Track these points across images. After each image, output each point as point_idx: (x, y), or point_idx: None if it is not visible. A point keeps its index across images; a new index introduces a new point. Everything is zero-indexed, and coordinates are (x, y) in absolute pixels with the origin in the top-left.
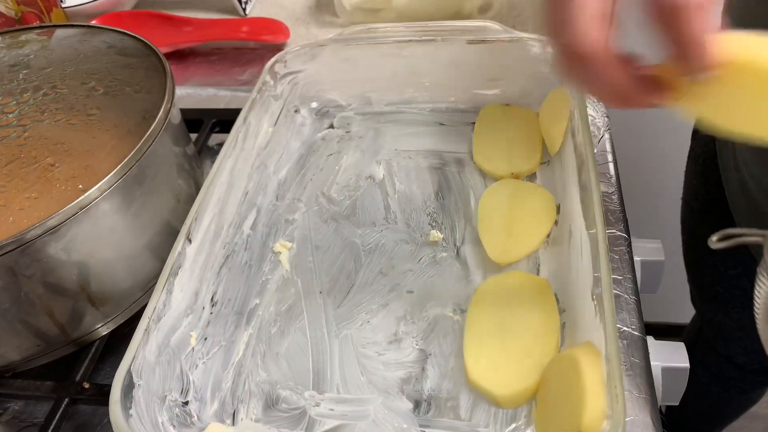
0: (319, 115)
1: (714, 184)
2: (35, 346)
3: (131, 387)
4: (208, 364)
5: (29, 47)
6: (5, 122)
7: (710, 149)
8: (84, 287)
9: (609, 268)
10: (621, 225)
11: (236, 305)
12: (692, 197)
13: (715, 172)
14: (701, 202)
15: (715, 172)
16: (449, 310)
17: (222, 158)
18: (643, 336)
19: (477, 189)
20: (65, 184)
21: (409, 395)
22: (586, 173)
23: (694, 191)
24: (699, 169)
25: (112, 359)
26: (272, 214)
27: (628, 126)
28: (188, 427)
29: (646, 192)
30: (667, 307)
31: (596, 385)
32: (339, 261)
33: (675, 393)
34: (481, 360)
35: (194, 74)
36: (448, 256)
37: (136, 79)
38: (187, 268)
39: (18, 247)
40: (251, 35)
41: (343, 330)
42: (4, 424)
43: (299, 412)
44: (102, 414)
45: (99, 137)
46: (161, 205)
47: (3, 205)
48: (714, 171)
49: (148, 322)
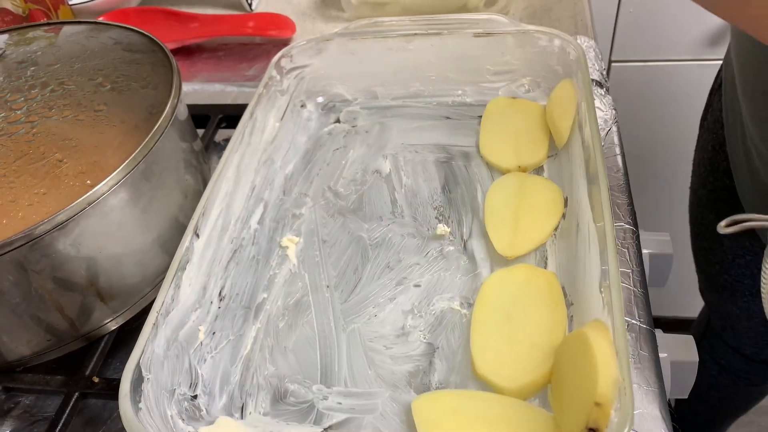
0: (326, 110)
1: (722, 171)
2: (45, 340)
3: (140, 381)
4: (216, 358)
5: (37, 44)
6: (14, 118)
7: (719, 136)
8: (93, 282)
9: (617, 261)
10: (629, 218)
11: (244, 299)
12: (700, 186)
13: (723, 159)
14: (709, 190)
15: (724, 160)
16: (456, 303)
17: (229, 153)
18: (651, 329)
19: (484, 182)
20: (73, 179)
21: (417, 388)
22: (593, 166)
23: (702, 180)
24: (707, 157)
25: (121, 354)
26: (279, 208)
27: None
28: (197, 420)
29: (655, 185)
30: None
31: (607, 355)
32: (346, 255)
33: (684, 387)
34: (488, 353)
35: (201, 70)
36: (455, 249)
37: (142, 75)
38: (195, 262)
39: (27, 243)
40: (257, 30)
41: (350, 324)
42: (16, 418)
43: (307, 405)
44: (111, 408)
45: (106, 133)
46: (169, 200)
47: (12, 200)
48: (722, 159)
49: (156, 317)
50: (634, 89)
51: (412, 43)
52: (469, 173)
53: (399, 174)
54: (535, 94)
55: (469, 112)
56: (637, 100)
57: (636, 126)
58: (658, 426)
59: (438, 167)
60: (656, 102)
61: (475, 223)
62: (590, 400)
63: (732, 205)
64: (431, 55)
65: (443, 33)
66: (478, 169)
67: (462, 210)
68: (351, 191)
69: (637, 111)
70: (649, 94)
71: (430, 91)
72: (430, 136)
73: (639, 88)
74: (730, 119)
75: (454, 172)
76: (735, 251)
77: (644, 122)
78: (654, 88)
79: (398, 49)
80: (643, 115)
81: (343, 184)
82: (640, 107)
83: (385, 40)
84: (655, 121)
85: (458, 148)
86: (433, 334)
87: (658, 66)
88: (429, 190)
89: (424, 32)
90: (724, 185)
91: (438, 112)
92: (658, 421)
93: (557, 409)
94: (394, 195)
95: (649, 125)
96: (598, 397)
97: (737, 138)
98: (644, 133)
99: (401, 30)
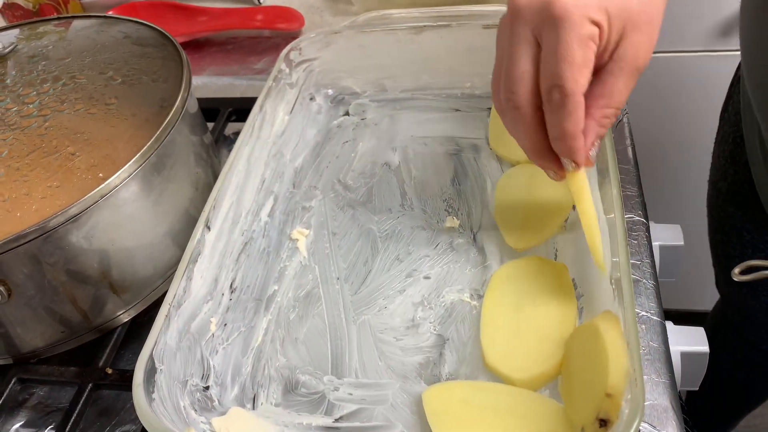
0: (335, 103)
1: (743, 164)
2: (59, 332)
3: (153, 372)
4: (228, 350)
5: (47, 38)
6: (26, 112)
7: (739, 129)
8: (105, 275)
9: (627, 252)
10: (639, 210)
11: (255, 291)
12: (720, 178)
13: (743, 152)
14: (729, 183)
15: (744, 153)
16: (466, 295)
17: (239, 146)
18: (662, 320)
19: (493, 175)
20: (86, 172)
21: (428, 380)
22: (604, 158)
23: (722, 172)
24: (728, 149)
25: (133, 346)
26: (289, 201)
27: (646, 110)
28: (209, 411)
29: (665, 177)
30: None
31: (618, 346)
32: (356, 247)
33: (694, 378)
34: (498, 344)
35: (210, 64)
36: (465, 242)
37: (153, 69)
38: (207, 255)
39: (41, 235)
40: (266, 24)
41: (360, 316)
42: (30, 409)
43: (318, 396)
44: (124, 399)
45: (117, 126)
46: (180, 193)
47: (26, 194)
48: (742, 151)
49: (168, 308)
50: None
51: (421, 35)
52: (479, 165)
53: (408, 166)
54: None
55: (479, 104)
56: (647, 91)
57: (647, 118)
58: (668, 417)
59: (447, 159)
60: (667, 94)
61: (484, 215)
62: (601, 391)
63: (753, 199)
64: (440, 47)
65: (452, 25)
66: (488, 161)
67: (471, 202)
68: (360, 184)
69: (648, 102)
70: (659, 85)
71: (439, 84)
72: (439, 128)
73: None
74: (746, 113)
75: (463, 164)
76: (755, 245)
77: (655, 114)
78: (665, 79)
79: (407, 41)
80: (654, 107)
81: (353, 176)
82: (650, 99)
83: (394, 32)
84: (666, 112)
85: (468, 140)
86: (443, 326)
87: (669, 57)
88: (438, 182)
89: (433, 24)
90: (745, 178)
91: (447, 104)
92: (669, 412)
93: (567, 400)
94: (404, 187)
95: (659, 117)
96: (609, 388)
97: (753, 132)
98: (655, 125)
99: (410, 22)
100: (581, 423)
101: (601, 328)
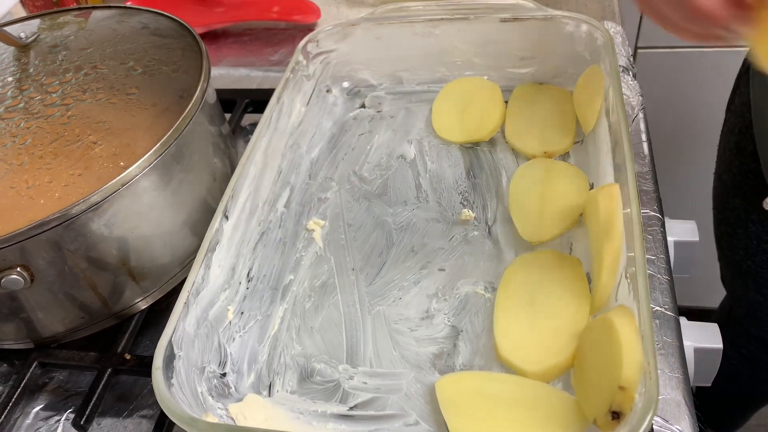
0: (351, 95)
1: (749, 155)
2: (79, 318)
3: (172, 358)
4: (244, 338)
5: (68, 28)
6: (50, 101)
7: (746, 120)
8: (125, 262)
9: (643, 247)
10: (655, 205)
11: (271, 281)
12: (725, 170)
13: (750, 143)
14: (735, 174)
15: (751, 143)
16: (480, 287)
17: (256, 137)
18: (676, 316)
19: (509, 168)
20: (107, 161)
21: (441, 370)
22: (620, 153)
23: (727, 164)
24: (734, 141)
25: (151, 333)
26: (305, 192)
27: (662, 105)
28: (226, 397)
29: (681, 172)
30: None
31: (632, 340)
32: (371, 239)
33: (707, 374)
34: (511, 337)
35: (227, 55)
36: (480, 234)
37: (172, 59)
38: (224, 244)
39: (63, 223)
40: (282, 15)
41: (375, 306)
42: (50, 393)
43: (333, 384)
44: (142, 384)
45: (138, 116)
46: (198, 182)
47: (49, 181)
48: (749, 142)
49: (187, 296)
50: (660, 76)
51: (438, 28)
52: (494, 159)
53: (424, 159)
54: (562, 80)
55: None
56: (663, 86)
57: (662, 113)
58: (681, 412)
59: (463, 152)
60: (683, 89)
61: (499, 208)
62: (614, 384)
63: (758, 190)
64: (457, 40)
65: (469, 18)
66: (504, 154)
67: (487, 195)
68: (376, 176)
69: (664, 98)
70: (675, 80)
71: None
72: None
73: (665, 74)
74: (758, 102)
75: (479, 157)
76: (760, 236)
77: (671, 109)
78: (681, 74)
79: (424, 34)
80: (670, 102)
81: (368, 168)
82: (666, 94)
83: (411, 25)
84: (682, 107)
85: None
86: (457, 318)
87: (686, 52)
88: (454, 175)
89: (450, 17)
90: (751, 169)
91: None
92: (682, 407)
93: (580, 392)
94: (419, 180)
95: (675, 112)
96: (623, 381)
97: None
98: (670, 120)
99: (427, 15)
100: (593, 415)
101: (615, 322)
